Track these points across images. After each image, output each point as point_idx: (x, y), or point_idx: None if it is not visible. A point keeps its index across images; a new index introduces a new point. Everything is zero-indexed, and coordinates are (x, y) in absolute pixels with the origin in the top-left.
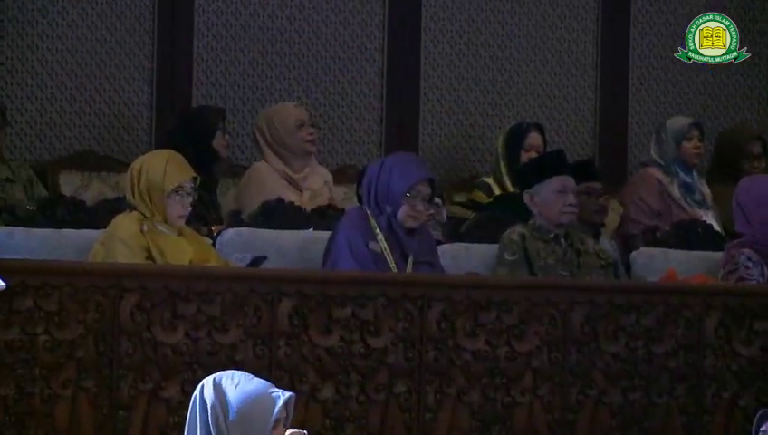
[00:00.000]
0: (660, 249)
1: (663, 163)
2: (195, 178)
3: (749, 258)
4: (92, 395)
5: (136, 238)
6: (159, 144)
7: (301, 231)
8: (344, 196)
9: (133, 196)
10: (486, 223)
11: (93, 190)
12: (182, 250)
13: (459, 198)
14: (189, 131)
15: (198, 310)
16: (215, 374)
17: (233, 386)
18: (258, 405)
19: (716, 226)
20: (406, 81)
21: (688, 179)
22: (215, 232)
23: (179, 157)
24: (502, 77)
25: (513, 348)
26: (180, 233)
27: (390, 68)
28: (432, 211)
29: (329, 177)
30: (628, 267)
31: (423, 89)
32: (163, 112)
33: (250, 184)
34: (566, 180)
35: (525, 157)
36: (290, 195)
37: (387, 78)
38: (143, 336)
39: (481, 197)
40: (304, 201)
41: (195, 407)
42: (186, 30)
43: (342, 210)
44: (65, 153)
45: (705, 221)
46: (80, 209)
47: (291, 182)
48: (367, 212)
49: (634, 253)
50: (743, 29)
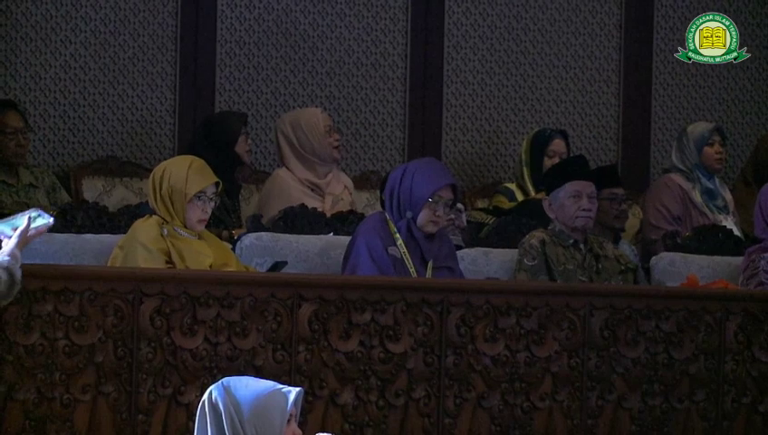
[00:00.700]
0: (680, 254)
1: (685, 169)
2: (217, 183)
3: None
4: (112, 400)
5: (156, 243)
6: (182, 150)
7: (321, 236)
8: (367, 202)
9: (155, 201)
10: (506, 228)
11: (116, 196)
12: (202, 255)
13: (482, 204)
14: (212, 137)
15: (218, 315)
16: (220, 380)
17: (242, 387)
18: (271, 401)
19: (737, 231)
20: (429, 87)
21: (710, 185)
22: (235, 236)
23: (202, 162)
24: (525, 83)
25: (532, 353)
26: (200, 237)
27: (413, 74)
28: (452, 216)
29: (349, 182)
30: (648, 272)
31: (446, 95)
32: (186, 118)
33: (272, 192)
34: (580, 185)
35: (548, 163)
36: (312, 202)
37: (410, 84)
38: (163, 341)
39: (503, 202)
40: (326, 207)
41: (204, 413)
42: (209, 36)
43: (363, 215)
44: (88, 159)
45: (725, 226)
46: (101, 215)
47: (314, 189)
48: (387, 217)
49: (654, 258)
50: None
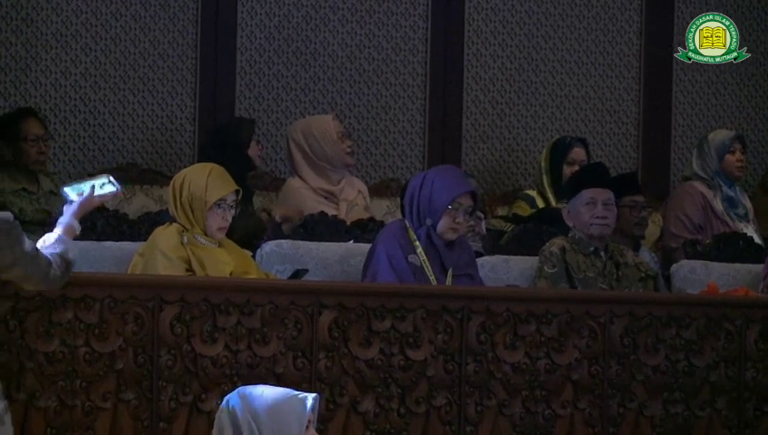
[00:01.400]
0: (701, 262)
1: (706, 176)
2: (237, 191)
3: None
4: (133, 407)
5: (176, 250)
6: (202, 157)
7: (341, 243)
8: (387, 209)
9: (175, 208)
10: (526, 236)
11: (136, 203)
12: (222, 262)
13: (502, 212)
14: (224, 143)
15: (238, 322)
16: (236, 390)
17: (259, 394)
18: (288, 407)
19: (757, 238)
20: (449, 94)
21: (732, 193)
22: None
23: (221, 170)
24: (545, 90)
25: (553, 361)
26: (221, 245)
27: (433, 82)
28: (472, 223)
29: (363, 186)
30: (668, 280)
31: (466, 102)
32: (206, 126)
33: (287, 201)
34: (595, 192)
35: (568, 171)
36: (327, 210)
37: (429, 92)
38: (183, 348)
39: (524, 209)
40: (341, 213)
41: (221, 422)
42: (229, 44)
43: (382, 223)
44: (108, 166)
45: (745, 234)
46: (122, 222)
47: (327, 196)
48: (407, 225)
49: (674, 266)
50: None
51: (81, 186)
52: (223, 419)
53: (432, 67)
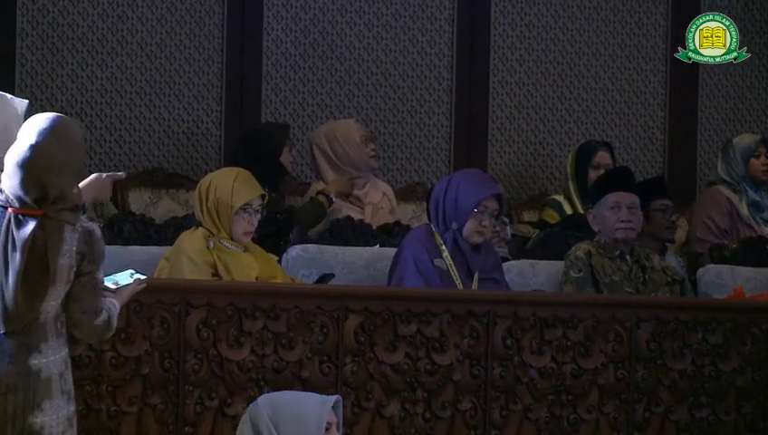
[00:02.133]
0: (727, 266)
1: (731, 181)
2: (263, 196)
3: None
4: (159, 412)
5: (202, 255)
6: (228, 161)
7: (367, 248)
8: (413, 214)
9: (201, 213)
10: (552, 240)
11: (162, 208)
12: (248, 267)
13: (529, 217)
14: (256, 149)
15: (264, 327)
16: (257, 397)
17: (279, 400)
18: (306, 410)
19: None
20: (474, 99)
21: (757, 197)
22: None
23: (248, 174)
24: (570, 95)
25: (578, 365)
26: (246, 250)
27: (459, 86)
28: (497, 228)
29: (388, 189)
30: (694, 284)
31: (492, 106)
32: (232, 130)
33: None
34: (620, 196)
35: (594, 175)
36: (353, 214)
37: (455, 96)
38: (209, 353)
39: (552, 215)
40: (367, 217)
41: (244, 428)
42: (255, 48)
43: (408, 227)
44: (134, 171)
45: None
46: (148, 226)
47: (353, 201)
48: (432, 229)
49: (701, 270)
50: None
51: (115, 277)
52: (243, 426)
53: (458, 71)
